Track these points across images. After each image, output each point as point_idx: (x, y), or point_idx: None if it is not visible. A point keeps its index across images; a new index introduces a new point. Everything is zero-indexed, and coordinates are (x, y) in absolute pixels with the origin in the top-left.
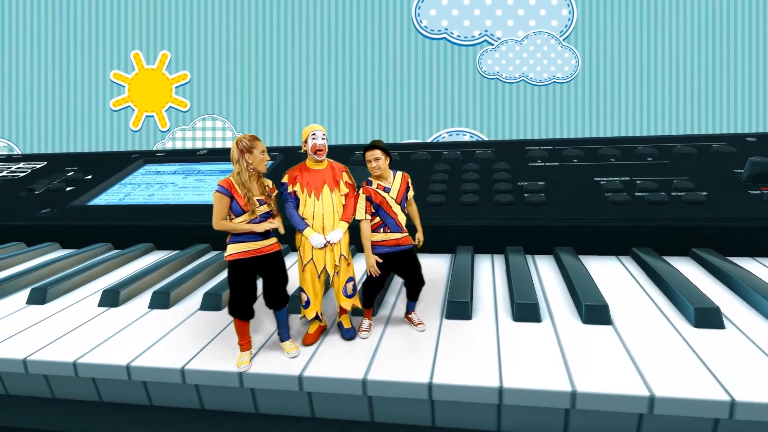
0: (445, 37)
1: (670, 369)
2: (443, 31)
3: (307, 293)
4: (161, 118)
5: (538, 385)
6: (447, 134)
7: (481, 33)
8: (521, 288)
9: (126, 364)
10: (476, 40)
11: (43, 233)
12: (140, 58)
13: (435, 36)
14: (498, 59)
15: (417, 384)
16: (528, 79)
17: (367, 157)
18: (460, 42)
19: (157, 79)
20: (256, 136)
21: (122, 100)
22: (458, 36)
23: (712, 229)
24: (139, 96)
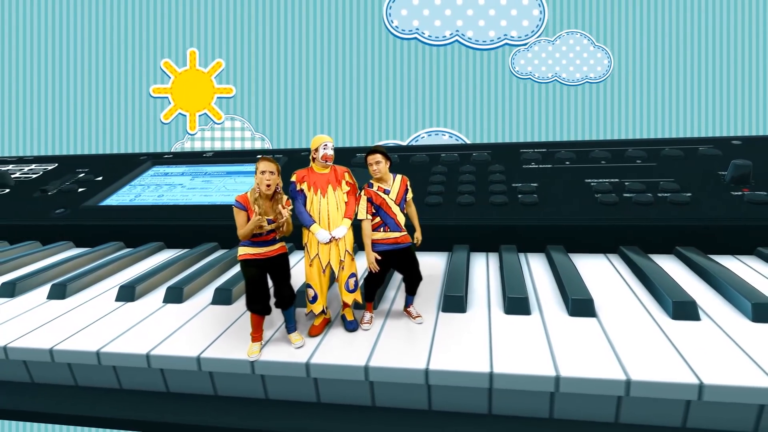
0: (416, 37)
1: (647, 356)
2: (414, 31)
3: (314, 288)
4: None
5: (525, 370)
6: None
7: (453, 33)
8: (513, 283)
9: (146, 352)
10: (447, 41)
11: (57, 232)
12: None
13: (406, 36)
14: (530, 59)
15: (415, 370)
16: (561, 79)
17: (368, 160)
18: (431, 42)
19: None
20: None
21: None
22: (429, 36)
23: (696, 229)
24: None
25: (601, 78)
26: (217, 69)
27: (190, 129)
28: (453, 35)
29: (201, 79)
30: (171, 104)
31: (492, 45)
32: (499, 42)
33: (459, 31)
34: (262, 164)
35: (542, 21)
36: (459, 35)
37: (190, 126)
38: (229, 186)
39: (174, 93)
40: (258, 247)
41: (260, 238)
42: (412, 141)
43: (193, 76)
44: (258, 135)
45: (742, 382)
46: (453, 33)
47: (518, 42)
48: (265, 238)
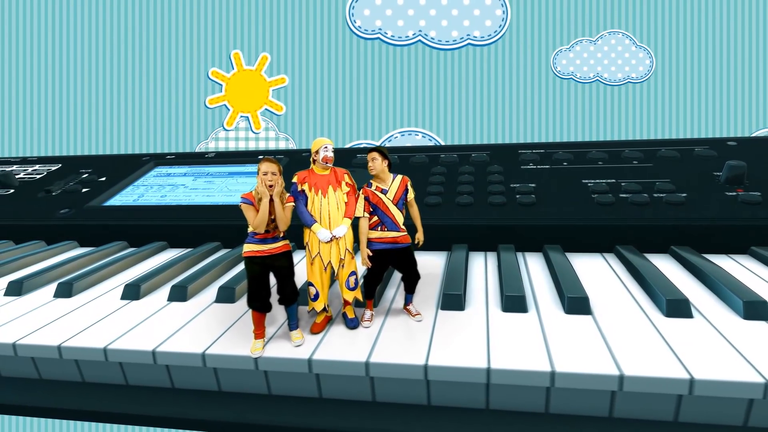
0: (379, 37)
1: (640, 352)
2: (377, 31)
3: (315, 287)
4: (255, 119)
5: (522, 366)
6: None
7: (415, 33)
8: (510, 282)
9: (152, 349)
10: (410, 41)
11: (61, 232)
12: (240, 58)
13: (369, 36)
14: (572, 59)
15: (414, 366)
16: (603, 79)
17: (368, 158)
18: (394, 42)
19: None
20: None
21: (219, 98)
22: (392, 36)
23: (691, 228)
24: (236, 96)
25: (643, 78)
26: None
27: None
28: (416, 35)
29: (252, 78)
30: (230, 110)
31: (455, 45)
32: (462, 42)
33: (422, 31)
34: (263, 165)
35: (505, 21)
36: (422, 35)
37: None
38: (231, 186)
39: (230, 98)
40: (262, 244)
41: (264, 235)
42: (385, 141)
43: (243, 77)
44: (282, 135)
45: (732, 377)
46: (416, 33)
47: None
48: (267, 236)
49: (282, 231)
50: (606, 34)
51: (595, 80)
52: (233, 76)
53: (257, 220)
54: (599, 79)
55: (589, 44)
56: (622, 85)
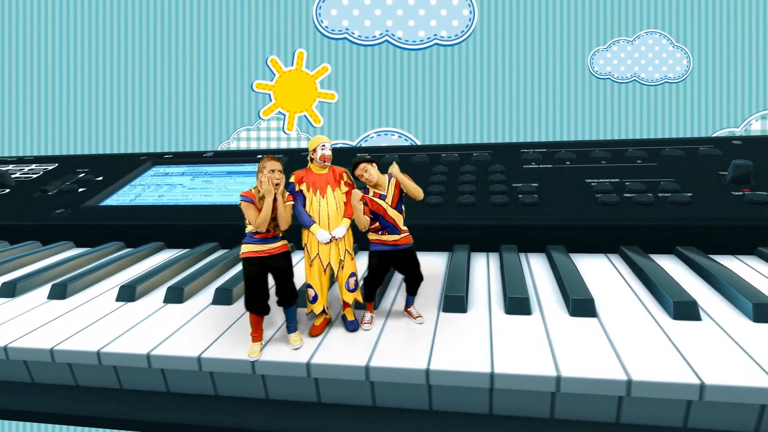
0: (346, 37)
1: (648, 356)
2: (344, 31)
3: (314, 288)
4: (313, 115)
5: (526, 370)
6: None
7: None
8: (513, 283)
9: (146, 353)
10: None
11: (57, 232)
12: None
13: (336, 36)
14: (610, 59)
15: (415, 370)
16: (640, 79)
17: (356, 174)
18: (361, 42)
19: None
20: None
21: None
22: (359, 36)
23: (696, 228)
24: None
25: (681, 78)
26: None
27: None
28: (383, 35)
29: (296, 77)
30: (286, 114)
31: (422, 45)
32: (428, 42)
33: (389, 31)
34: (269, 163)
35: (472, 21)
36: (389, 35)
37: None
38: (229, 186)
39: (277, 91)
40: (262, 243)
41: (264, 234)
42: (361, 141)
43: (287, 79)
44: (304, 135)
45: (743, 383)
46: (383, 33)
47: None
48: (266, 235)
49: (282, 230)
50: (643, 34)
51: (632, 80)
52: (277, 82)
53: (260, 218)
54: (636, 79)
55: (626, 44)
56: (659, 85)
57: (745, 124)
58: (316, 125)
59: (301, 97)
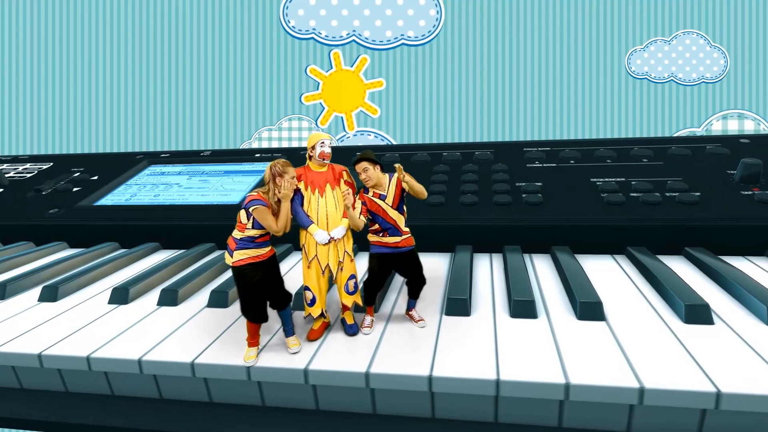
0: (313, 37)
1: (660, 362)
2: (311, 31)
3: (312, 291)
4: (369, 107)
5: (533, 377)
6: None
7: (349, 33)
8: (518, 285)
9: (138, 358)
10: (344, 41)
11: (51, 233)
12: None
13: (303, 36)
14: (647, 59)
15: (418, 377)
16: (677, 79)
17: (356, 170)
18: (328, 42)
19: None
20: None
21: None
22: (326, 36)
23: (705, 229)
24: (332, 95)
25: (718, 78)
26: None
27: (348, 129)
28: (350, 35)
29: (349, 79)
30: (325, 108)
31: (389, 45)
32: (395, 42)
33: (356, 31)
34: (291, 169)
35: (439, 21)
36: (356, 35)
37: (348, 126)
38: (226, 186)
39: (326, 97)
40: (261, 248)
41: (263, 238)
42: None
43: (341, 77)
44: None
45: (761, 390)
46: (350, 33)
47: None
48: (265, 238)
49: None
50: (680, 34)
51: (670, 80)
52: (331, 76)
53: (281, 223)
54: (674, 79)
55: (663, 44)
56: (696, 85)
57: (706, 124)
58: (374, 116)
59: (351, 94)
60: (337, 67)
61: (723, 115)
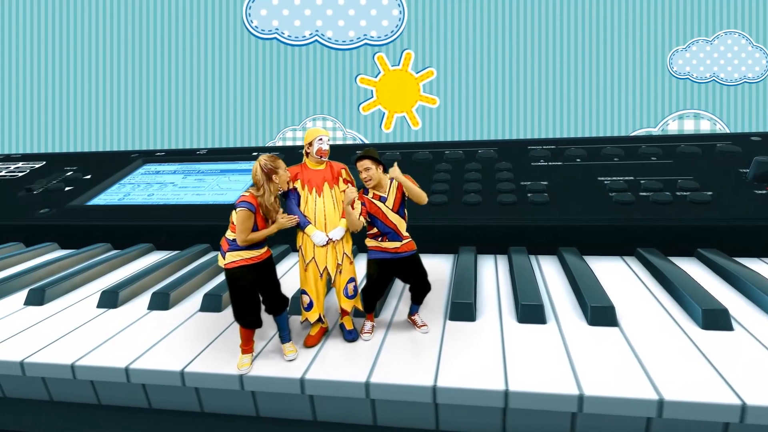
0: (276, 37)
1: (679, 372)
2: (274, 31)
3: (309, 295)
4: (412, 117)
5: (545, 388)
6: None
7: (312, 33)
8: (525, 289)
9: (124, 366)
10: (307, 41)
11: (41, 233)
12: (384, 60)
13: (266, 36)
14: (689, 59)
15: (421, 387)
16: (719, 79)
17: (358, 168)
18: (291, 42)
19: (404, 79)
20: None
21: (371, 103)
22: (289, 36)
23: (718, 230)
24: (388, 98)
25: (760, 78)
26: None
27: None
28: (312, 35)
29: (400, 77)
30: (385, 113)
31: (352, 45)
32: (358, 42)
33: (318, 31)
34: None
35: (402, 21)
36: (318, 35)
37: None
38: (222, 185)
39: (382, 101)
40: (254, 250)
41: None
42: None
43: (391, 77)
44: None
45: None
46: (312, 33)
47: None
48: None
49: None
50: (722, 34)
51: (712, 80)
52: (381, 79)
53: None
54: (716, 79)
55: (705, 44)
56: (738, 85)
57: (662, 124)
58: (414, 128)
59: (404, 97)
60: (384, 70)
61: (679, 114)
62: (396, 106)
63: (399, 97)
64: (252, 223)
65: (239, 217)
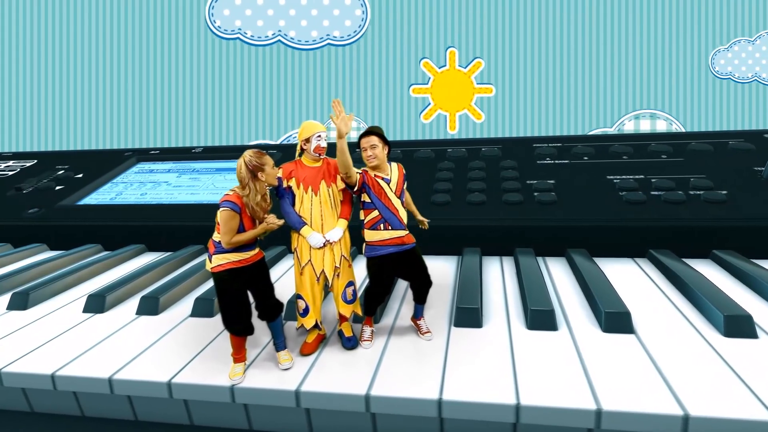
0: (238, 37)
1: (703, 384)
2: (237, 31)
3: (305, 299)
4: (473, 111)
5: (559, 402)
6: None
7: (275, 33)
8: (534, 293)
9: (108, 377)
10: (270, 41)
11: (30, 234)
12: (430, 64)
13: (228, 36)
14: (731, 59)
15: (425, 401)
16: (761, 79)
17: (362, 144)
18: (254, 42)
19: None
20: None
21: (431, 110)
22: (252, 36)
23: (734, 230)
24: (445, 99)
25: None
26: (477, 68)
27: (450, 129)
28: (275, 35)
29: (461, 80)
30: (431, 104)
31: (314, 45)
32: (321, 42)
33: (281, 31)
34: (268, 159)
35: (365, 21)
36: (281, 35)
37: (450, 126)
38: (218, 183)
39: (434, 93)
40: (242, 252)
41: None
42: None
43: (452, 76)
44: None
45: None
46: (275, 33)
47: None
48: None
49: None
50: (764, 34)
51: (753, 80)
52: (443, 73)
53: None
54: (757, 79)
55: (747, 44)
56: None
57: (618, 124)
58: (478, 121)
59: (459, 95)
60: (450, 66)
61: (635, 115)
62: (455, 106)
63: (455, 96)
64: (236, 224)
65: (222, 217)
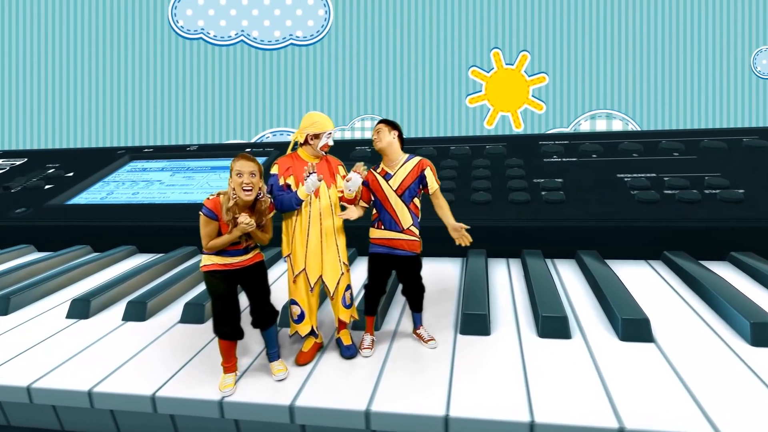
0: (201, 37)
1: (733, 399)
2: (200, 31)
3: (300, 305)
4: (516, 118)
5: (578, 420)
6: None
7: (238, 33)
8: (545, 298)
9: (88, 389)
10: (233, 41)
11: (17, 234)
12: (500, 57)
13: (191, 36)
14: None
15: (430, 417)
16: None
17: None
18: (217, 42)
19: (516, 79)
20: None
21: (479, 97)
22: (215, 36)
23: (753, 231)
24: (496, 95)
25: None
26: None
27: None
28: (238, 35)
29: (512, 77)
30: (491, 109)
31: (277, 45)
32: (284, 42)
33: (244, 31)
34: (238, 163)
35: (327, 21)
36: (244, 35)
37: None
38: (212, 182)
39: (490, 97)
40: (228, 256)
41: (234, 246)
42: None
43: (503, 76)
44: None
45: None
46: (238, 33)
47: (304, 42)
48: (237, 247)
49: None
50: None
51: None
52: (493, 75)
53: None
54: None
55: None
56: None
57: (575, 124)
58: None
59: (512, 97)
60: (498, 67)
61: (591, 115)
62: (503, 105)
63: (507, 96)
64: (212, 230)
65: (200, 222)
